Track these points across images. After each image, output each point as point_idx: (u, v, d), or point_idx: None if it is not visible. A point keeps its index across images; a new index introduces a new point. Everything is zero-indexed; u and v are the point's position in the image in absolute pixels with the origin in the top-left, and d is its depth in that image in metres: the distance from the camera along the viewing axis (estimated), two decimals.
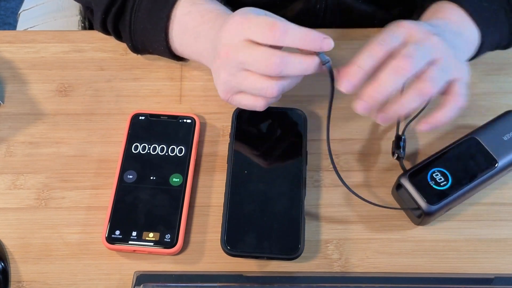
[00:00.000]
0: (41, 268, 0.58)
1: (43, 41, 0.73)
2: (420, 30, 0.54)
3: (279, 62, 0.52)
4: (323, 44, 0.53)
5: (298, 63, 0.53)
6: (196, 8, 0.62)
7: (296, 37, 0.53)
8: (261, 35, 0.53)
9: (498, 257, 0.59)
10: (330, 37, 0.53)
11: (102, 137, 0.66)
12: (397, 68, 0.52)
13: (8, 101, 0.68)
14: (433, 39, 0.54)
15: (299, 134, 0.64)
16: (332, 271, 0.58)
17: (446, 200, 0.57)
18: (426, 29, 0.55)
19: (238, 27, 0.54)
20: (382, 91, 0.52)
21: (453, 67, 0.55)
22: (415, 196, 0.57)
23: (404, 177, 0.59)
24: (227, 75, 0.56)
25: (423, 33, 0.54)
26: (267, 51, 0.53)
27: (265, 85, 0.54)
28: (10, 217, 0.61)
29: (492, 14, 0.62)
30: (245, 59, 0.53)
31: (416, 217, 0.59)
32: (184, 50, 0.64)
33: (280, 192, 0.59)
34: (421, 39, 0.54)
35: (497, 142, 0.60)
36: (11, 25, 1.78)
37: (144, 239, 0.58)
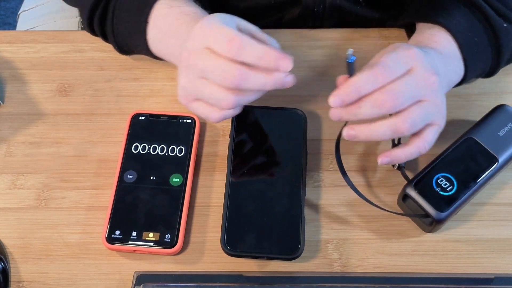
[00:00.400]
0: (41, 268, 0.58)
1: (43, 41, 0.73)
2: (424, 66, 0.54)
3: (237, 75, 0.52)
4: (280, 64, 0.52)
5: (258, 78, 0.53)
6: (173, 11, 0.62)
7: (253, 54, 0.52)
8: (220, 47, 0.52)
9: (498, 257, 0.59)
10: (290, 58, 0.53)
11: (102, 137, 0.66)
12: (381, 102, 0.52)
13: (8, 101, 0.68)
14: (431, 80, 0.54)
15: (299, 134, 0.64)
16: (332, 271, 0.58)
17: (455, 205, 0.57)
18: (429, 66, 0.55)
19: (200, 34, 0.54)
20: (358, 114, 0.53)
21: (436, 113, 0.55)
22: (423, 205, 0.57)
23: (409, 187, 0.58)
24: (186, 81, 0.55)
25: (426, 70, 0.54)
26: (226, 63, 0.52)
27: (222, 96, 0.54)
28: (10, 217, 0.61)
29: (480, 50, 0.62)
30: (204, 67, 0.53)
31: (427, 225, 0.58)
32: (159, 51, 0.64)
33: (280, 192, 0.59)
34: (420, 76, 0.54)
35: (494, 139, 0.60)
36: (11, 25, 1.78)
37: (144, 239, 0.58)
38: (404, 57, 0.54)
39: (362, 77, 0.52)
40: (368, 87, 0.52)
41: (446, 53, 0.60)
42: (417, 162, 0.64)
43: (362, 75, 0.52)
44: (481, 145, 0.60)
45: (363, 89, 0.52)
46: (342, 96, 0.52)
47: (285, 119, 0.65)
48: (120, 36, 0.66)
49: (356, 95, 0.52)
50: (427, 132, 0.56)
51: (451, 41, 0.61)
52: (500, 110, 0.62)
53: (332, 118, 0.55)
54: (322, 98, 0.68)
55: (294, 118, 0.65)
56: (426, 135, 0.56)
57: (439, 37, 0.61)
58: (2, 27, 1.79)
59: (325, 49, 0.73)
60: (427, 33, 0.63)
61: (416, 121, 0.54)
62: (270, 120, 0.64)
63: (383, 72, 0.52)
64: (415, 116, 0.54)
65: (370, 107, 0.53)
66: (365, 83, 0.52)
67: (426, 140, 0.55)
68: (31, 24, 0.92)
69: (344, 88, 0.53)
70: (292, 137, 0.63)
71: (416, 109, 0.54)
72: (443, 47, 0.61)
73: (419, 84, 0.54)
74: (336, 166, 0.64)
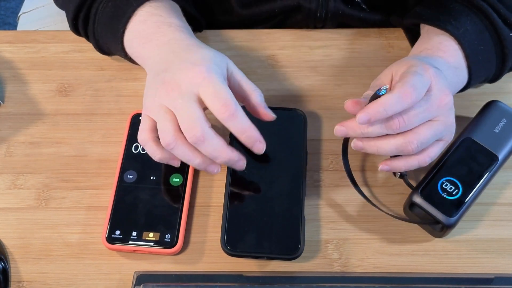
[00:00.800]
0: (41, 268, 0.58)
1: (43, 41, 0.73)
2: (439, 88, 0.55)
3: (199, 136, 0.52)
4: (255, 146, 0.55)
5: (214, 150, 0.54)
6: (154, 19, 0.62)
7: (239, 127, 0.54)
8: (212, 105, 0.53)
9: (498, 257, 0.59)
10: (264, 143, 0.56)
11: (102, 137, 0.66)
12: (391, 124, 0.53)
13: (8, 101, 0.68)
14: (445, 101, 0.55)
15: (299, 134, 0.64)
16: (332, 271, 0.58)
17: (463, 208, 0.57)
18: (444, 87, 0.55)
19: (197, 80, 0.53)
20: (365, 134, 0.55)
21: (444, 131, 0.56)
22: (432, 212, 0.57)
23: (415, 195, 0.58)
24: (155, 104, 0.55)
25: (441, 92, 0.55)
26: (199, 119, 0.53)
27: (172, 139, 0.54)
28: (10, 217, 0.61)
29: (485, 58, 0.63)
30: (179, 108, 0.53)
31: (438, 231, 0.58)
32: (132, 53, 0.64)
33: (280, 192, 0.60)
34: (435, 98, 0.54)
35: (491, 136, 0.60)
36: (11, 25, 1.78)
37: (144, 239, 0.58)
38: (426, 78, 0.54)
39: (392, 98, 0.52)
40: (397, 108, 0.53)
41: (453, 63, 0.61)
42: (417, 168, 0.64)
43: (392, 96, 0.52)
44: (480, 145, 0.60)
45: (392, 110, 0.53)
46: (370, 115, 0.52)
47: (285, 119, 0.65)
48: (102, 40, 0.66)
49: (384, 115, 0.53)
50: (433, 147, 0.57)
51: (458, 50, 0.61)
52: (493, 106, 0.62)
53: (337, 135, 0.56)
54: (322, 98, 0.68)
55: (294, 118, 0.65)
56: (430, 150, 0.57)
57: (447, 46, 0.62)
58: (2, 27, 1.78)
59: (325, 49, 0.73)
60: (435, 40, 0.62)
61: (423, 142, 0.55)
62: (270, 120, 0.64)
63: (413, 93, 0.52)
64: (423, 137, 0.55)
65: (379, 127, 0.54)
66: (395, 104, 0.52)
67: (429, 154, 0.57)
68: (31, 26, 0.92)
69: (374, 107, 0.53)
70: (292, 137, 0.63)
71: (426, 129, 0.55)
72: (451, 56, 0.61)
73: (433, 106, 0.54)
74: (336, 166, 0.64)
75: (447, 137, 0.57)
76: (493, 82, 0.67)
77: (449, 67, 0.60)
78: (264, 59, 0.72)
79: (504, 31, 0.62)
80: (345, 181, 0.63)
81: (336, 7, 0.72)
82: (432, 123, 0.55)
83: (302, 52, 0.72)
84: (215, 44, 0.73)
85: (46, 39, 0.73)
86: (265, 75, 0.70)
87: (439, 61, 0.60)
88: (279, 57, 0.72)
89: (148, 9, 0.62)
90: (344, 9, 0.73)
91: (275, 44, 0.73)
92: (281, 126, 0.64)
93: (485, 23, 0.62)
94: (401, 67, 0.57)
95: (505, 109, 0.62)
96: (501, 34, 0.62)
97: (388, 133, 0.54)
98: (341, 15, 0.73)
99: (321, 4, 0.72)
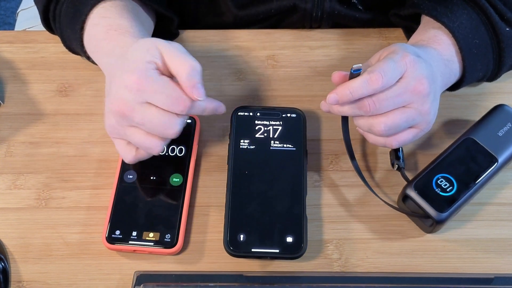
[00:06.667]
0: (41, 268, 0.58)
1: (43, 41, 0.73)
2: (415, 75, 0.55)
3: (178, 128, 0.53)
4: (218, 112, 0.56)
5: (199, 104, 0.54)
6: (103, 22, 0.60)
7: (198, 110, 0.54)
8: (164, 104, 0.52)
9: (498, 257, 0.59)
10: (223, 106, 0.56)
11: (102, 137, 0.66)
12: (361, 105, 0.55)
13: (8, 101, 0.68)
14: (420, 88, 0.55)
15: (299, 134, 0.64)
16: (332, 271, 0.58)
17: (455, 205, 0.57)
18: (421, 74, 0.55)
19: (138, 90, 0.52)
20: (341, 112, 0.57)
21: (419, 120, 0.57)
22: (423, 206, 0.57)
23: (409, 188, 0.58)
24: (115, 124, 0.54)
25: (416, 79, 0.55)
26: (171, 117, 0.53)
27: (153, 144, 0.54)
28: (10, 217, 0.61)
29: (480, 52, 0.63)
30: (141, 121, 0.53)
31: (428, 226, 0.58)
32: (93, 57, 0.63)
33: (281, 192, 0.60)
34: (409, 84, 0.55)
35: (493, 139, 0.60)
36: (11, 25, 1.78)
37: (144, 239, 0.58)
38: (401, 65, 0.55)
39: (358, 82, 0.54)
40: (362, 92, 0.54)
41: (446, 56, 0.61)
42: (416, 163, 0.64)
43: (360, 80, 0.54)
44: (481, 146, 0.60)
45: (357, 93, 0.54)
46: (338, 97, 0.55)
47: (285, 119, 0.65)
48: (65, 40, 0.67)
49: (350, 97, 0.55)
50: (403, 133, 0.57)
51: (452, 44, 0.62)
52: (499, 110, 0.62)
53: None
54: (322, 98, 0.68)
55: (294, 118, 0.65)
56: (400, 135, 0.57)
57: (442, 39, 0.62)
58: (2, 27, 1.78)
59: (325, 49, 0.73)
60: (430, 33, 0.63)
61: (391, 126, 0.55)
62: (270, 120, 0.64)
63: (380, 79, 0.54)
64: (391, 121, 0.55)
65: (352, 108, 0.56)
66: (360, 88, 0.54)
67: (397, 139, 0.57)
68: (30, 23, 0.92)
69: (341, 89, 0.55)
70: (292, 137, 0.63)
71: (397, 115, 0.55)
72: (445, 49, 0.62)
73: (407, 92, 0.55)
74: (336, 166, 0.64)
75: (421, 126, 0.57)
76: (492, 80, 0.67)
77: (441, 59, 0.61)
78: (264, 59, 0.72)
79: (500, 26, 0.63)
80: (345, 181, 0.63)
81: (331, 7, 0.73)
82: (405, 109, 0.56)
83: (302, 52, 0.72)
84: (215, 44, 0.73)
85: (46, 39, 0.73)
86: (265, 75, 0.70)
87: (432, 52, 0.60)
88: (279, 57, 0.72)
89: (100, 10, 0.61)
90: (340, 9, 0.73)
91: (275, 44, 0.73)
92: (281, 125, 0.64)
93: (482, 18, 0.63)
94: (385, 52, 0.58)
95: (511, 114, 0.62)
96: (497, 28, 0.62)
97: (359, 113, 0.56)
98: (337, 15, 0.74)
99: (316, 5, 0.72)
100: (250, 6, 0.74)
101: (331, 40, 0.73)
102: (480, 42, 0.63)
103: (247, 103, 0.67)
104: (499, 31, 0.62)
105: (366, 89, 0.54)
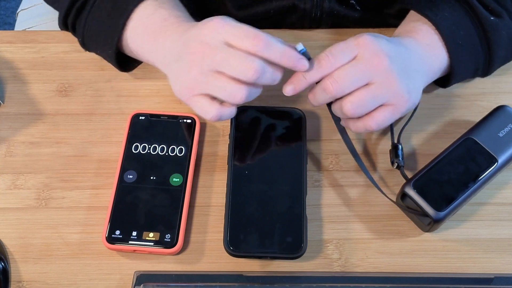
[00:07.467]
0: (41, 268, 0.58)
1: (43, 41, 0.73)
2: (372, 51, 0.56)
3: (259, 69, 0.53)
4: (298, 64, 0.55)
5: (273, 73, 0.55)
6: (160, 12, 0.62)
7: (277, 52, 0.54)
8: (243, 42, 0.54)
9: (498, 257, 0.59)
10: (305, 59, 0.56)
11: (102, 137, 0.66)
12: (325, 87, 0.56)
13: (8, 101, 0.68)
14: (379, 63, 0.55)
15: (299, 134, 0.64)
16: (332, 271, 0.58)
17: (453, 205, 0.57)
18: (379, 50, 0.56)
19: (219, 29, 0.55)
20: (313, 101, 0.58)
21: (388, 95, 0.56)
22: (422, 204, 0.57)
23: (408, 186, 0.58)
24: (198, 73, 0.55)
25: (373, 55, 0.56)
26: (248, 57, 0.54)
27: (236, 89, 0.54)
28: (10, 217, 0.61)
29: (467, 43, 0.63)
30: (223, 61, 0.54)
31: (426, 224, 0.58)
32: (140, 49, 0.64)
33: (282, 192, 0.60)
34: (367, 60, 0.56)
35: (494, 140, 0.60)
36: (11, 25, 1.78)
37: (144, 239, 0.58)
38: (351, 46, 0.56)
39: (310, 65, 0.56)
40: (315, 75, 0.56)
41: (426, 42, 0.62)
42: (416, 161, 0.64)
43: (310, 63, 0.56)
44: (481, 146, 0.60)
45: (311, 77, 0.56)
46: (294, 85, 0.57)
47: (285, 119, 0.65)
48: (91, 31, 0.66)
49: (305, 83, 0.56)
50: (378, 112, 0.57)
51: (433, 33, 0.62)
52: (501, 111, 0.62)
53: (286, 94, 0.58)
54: None
55: (294, 118, 0.65)
56: (375, 114, 0.57)
57: (422, 30, 0.63)
58: (2, 27, 1.78)
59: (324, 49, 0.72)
60: (410, 25, 0.64)
61: (358, 103, 0.56)
62: (270, 120, 0.64)
63: (327, 61, 0.55)
64: (356, 99, 0.56)
65: (320, 93, 0.57)
66: (312, 71, 0.56)
67: (374, 119, 0.57)
68: (30, 23, 0.92)
69: (295, 77, 0.57)
70: (292, 137, 0.63)
71: (361, 92, 0.56)
72: (423, 37, 0.62)
73: (364, 68, 0.56)
74: (336, 166, 0.64)
75: (393, 101, 0.57)
76: (487, 74, 0.67)
77: (417, 44, 0.61)
78: None
79: (484, 15, 0.63)
80: (345, 181, 0.63)
81: (331, 8, 0.73)
82: (369, 86, 0.56)
83: None
84: None
85: (46, 39, 0.73)
86: None
87: (407, 40, 0.61)
88: None
89: (154, 2, 0.63)
90: (339, 10, 0.73)
91: None
92: (281, 126, 0.64)
93: (465, 9, 0.63)
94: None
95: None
96: (481, 18, 0.63)
97: (327, 97, 0.57)
98: (336, 15, 0.74)
99: (316, 5, 0.72)
100: (249, 7, 0.74)
101: (331, 40, 0.73)
102: (465, 33, 0.63)
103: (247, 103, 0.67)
104: (484, 21, 0.63)
105: (317, 71, 0.56)
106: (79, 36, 0.68)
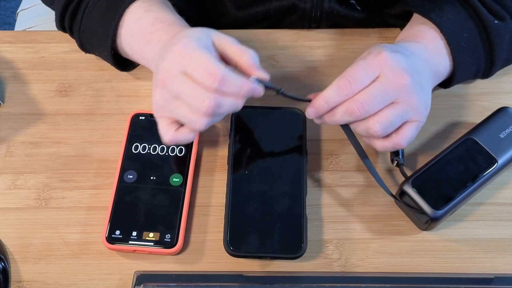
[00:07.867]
0: (41, 268, 0.58)
1: (43, 41, 0.73)
2: (393, 70, 0.55)
3: (213, 104, 0.52)
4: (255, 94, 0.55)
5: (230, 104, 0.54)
6: (148, 15, 0.62)
7: (233, 87, 0.53)
8: (200, 76, 0.52)
9: (498, 257, 0.59)
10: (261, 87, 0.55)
11: (102, 137, 0.66)
12: (351, 111, 0.55)
13: (8, 101, 0.68)
14: (402, 82, 0.55)
15: (299, 134, 0.64)
16: (332, 271, 0.58)
17: (451, 204, 0.57)
18: (400, 68, 0.56)
19: (178, 57, 0.53)
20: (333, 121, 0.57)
21: (411, 112, 0.57)
22: (420, 203, 0.57)
23: (407, 184, 0.58)
24: (160, 98, 0.55)
25: (395, 74, 0.55)
26: (201, 92, 0.52)
27: (194, 119, 0.54)
28: (10, 217, 0.61)
29: (470, 45, 0.63)
30: (180, 92, 0.53)
31: (423, 223, 0.58)
32: (133, 54, 0.64)
33: (282, 192, 0.60)
34: (389, 80, 0.55)
35: (495, 141, 0.60)
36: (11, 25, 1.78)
37: (144, 239, 0.58)
38: (372, 65, 0.56)
39: (330, 90, 0.56)
40: (336, 99, 0.55)
41: (432, 48, 0.62)
42: (416, 160, 0.64)
43: (331, 88, 0.55)
44: (481, 146, 0.60)
45: (332, 101, 0.56)
46: (316, 109, 0.56)
47: (284, 119, 0.65)
48: (87, 34, 0.66)
49: (327, 107, 0.56)
50: (404, 129, 0.57)
51: (438, 37, 0.62)
52: (502, 112, 0.62)
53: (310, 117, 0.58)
54: None
55: (293, 118, 0.65)
56: (402, 131, 0.57)
57: (427, 34, 0.63)
58: (2, 27, 1.78)
59: (324, 49, 0.73)
60: (416, 28, 0.64)
61: (386, 124, 0.56)
62: (270, 120, 0.64)
63: (348, 84, 0.55)
64: (384, 119, 0.55)
65: (342, 115, 0.56)
66: (333, 96, 0.55)
67: (404, 137, 0.57)
68: (30, 23, 0.92)
69: (317, 101, 0.56)
70: (292, 137, 0.63)
71: (387, 112, 0.56)
72: (430, 41, 0.62)
73: (389, 88, 0.55)
74: (336, 166, 0.64)
75: (416, 118, 0.57)
76: (488, 76, 0.67)
77: (425, 51, 0.61)
78: (264, 59, 0.72)
79: (488, 19, 0.63)
80: (345, 181, 0.63)
81: (330, 7, 0.73)
82: (394, 105, 0.56)
83: (302, 52, 0.72)
84: None
85: (46, 39, 0.73)
86: None
87: (415, 45, 0.61)
88: (279, 57, 0.72)
89: (142, 5, 0.62)
90: (338, 9, 0.73)
91: (275, 44, 0.73)
92: (281, 126, 0.64)
93: (469, 12, 0.63)
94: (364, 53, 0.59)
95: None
96: (485, 22, 0.63)
97: (350, 119, 0.56)
98: (336, 15, 0.74)
99: (315, 4, 0.72)
100: (249, 7, 0.74)
101: (331, 40, 0.73)
102: (469, 35, 0.63)
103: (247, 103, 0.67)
104: (487, 24, 0.63)
105: (339, 96, 0.55)
106: (77, 39, 0.68)
